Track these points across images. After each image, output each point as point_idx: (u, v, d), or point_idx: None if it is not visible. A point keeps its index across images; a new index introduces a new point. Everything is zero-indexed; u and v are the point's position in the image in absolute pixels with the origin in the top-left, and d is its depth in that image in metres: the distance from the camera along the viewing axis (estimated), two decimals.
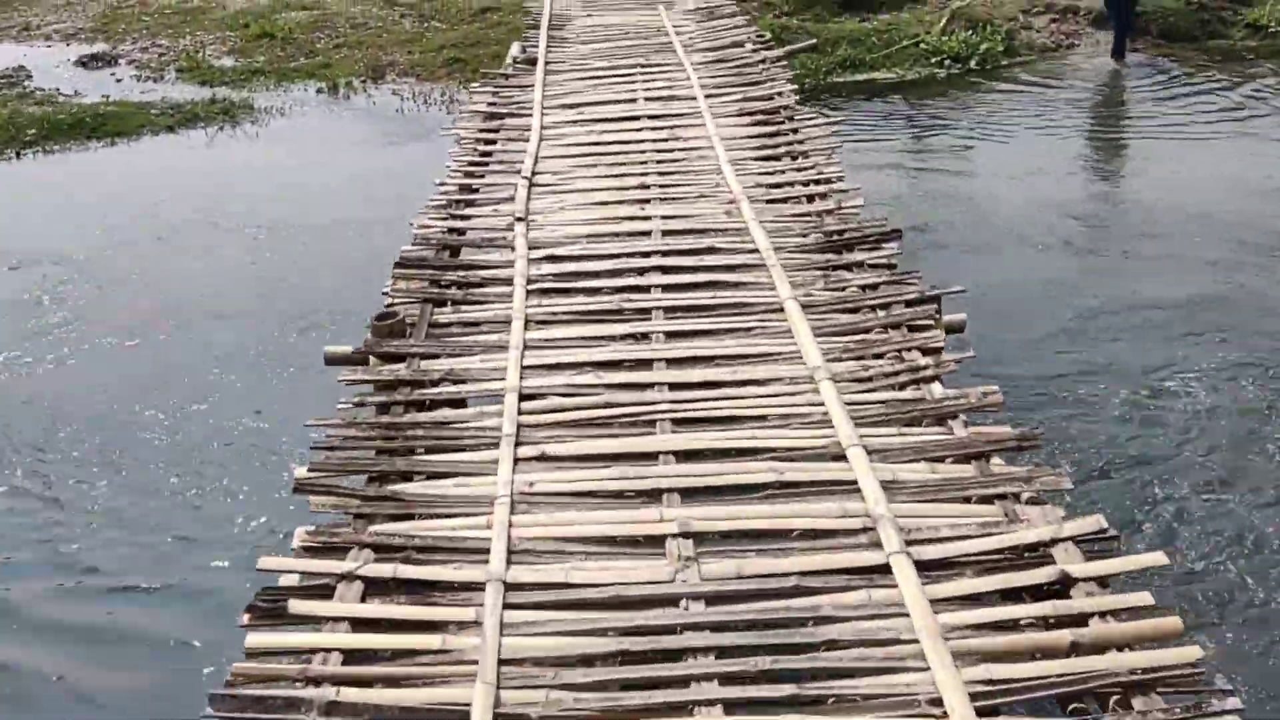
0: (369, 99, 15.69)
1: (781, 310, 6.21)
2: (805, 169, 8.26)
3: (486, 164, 8.70)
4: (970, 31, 15.92)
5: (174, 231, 11.54)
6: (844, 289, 6.49)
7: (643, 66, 10.65)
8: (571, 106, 9.69)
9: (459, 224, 7.69)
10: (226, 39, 18.29)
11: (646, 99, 9.77)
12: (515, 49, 11.58)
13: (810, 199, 7.77)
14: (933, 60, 15.59)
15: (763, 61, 10.64)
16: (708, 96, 9.69)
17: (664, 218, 7.50)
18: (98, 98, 15.72)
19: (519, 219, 7.49)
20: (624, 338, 6.12)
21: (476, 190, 8.21)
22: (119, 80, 16.77)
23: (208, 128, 14.70)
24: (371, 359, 5.85)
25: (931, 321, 6.01)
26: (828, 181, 7.92)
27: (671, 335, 6.08)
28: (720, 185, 8.00)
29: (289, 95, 15.94)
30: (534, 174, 8.27)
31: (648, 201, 7.81)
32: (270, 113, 15.18)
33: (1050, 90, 14.81)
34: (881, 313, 6.13)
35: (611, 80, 10.39)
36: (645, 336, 6.09)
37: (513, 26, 16.09)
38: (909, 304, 6.13)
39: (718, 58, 10.97)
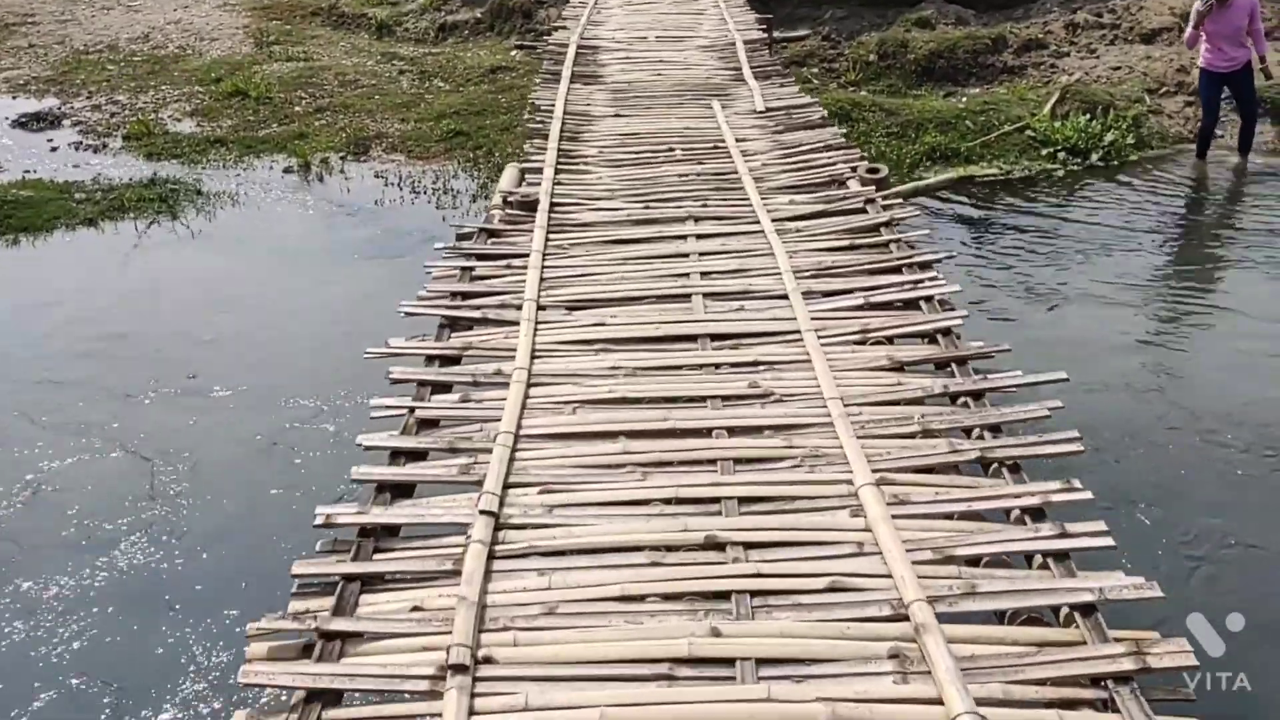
0: (345, 182, 11.93)
1: None
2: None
3: (437, 423, 4.88)
4: (1088, 116, 12.08)
5: (42, 388, 7.85)
6: None
7: (695, 217, 6.67)
8: (581, 305, 5.74)
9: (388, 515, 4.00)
10: (194, 96, 14.58)
11: (706, 293, 5.77)
12: (507, 177, 7.51)
13: None
14: (1043, 152, 11.76)
15: (873, 205, 6.72)
16: (807, 294, 5.68)
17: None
18: (18, 174, 12.06)
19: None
20: None
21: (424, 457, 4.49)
22: (55, 148, 13.05)
23: (138, 221, 10.97)
24: None
25: None
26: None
27: None
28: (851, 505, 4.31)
29: (248, 175, 12.19)
30: (508, 483, 4.33)
31: (721, 547, 3.95)
32: (219, 202, 11.42)
33: (1197, 194, 11.01)
34: None
35: (648, 243, 6.45)
36: None
37: (525, 91, 12.35)
38: None
39: (810, 204, 6.89)
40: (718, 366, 5.03)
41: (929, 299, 5.38)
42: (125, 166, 12.37)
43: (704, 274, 5.85)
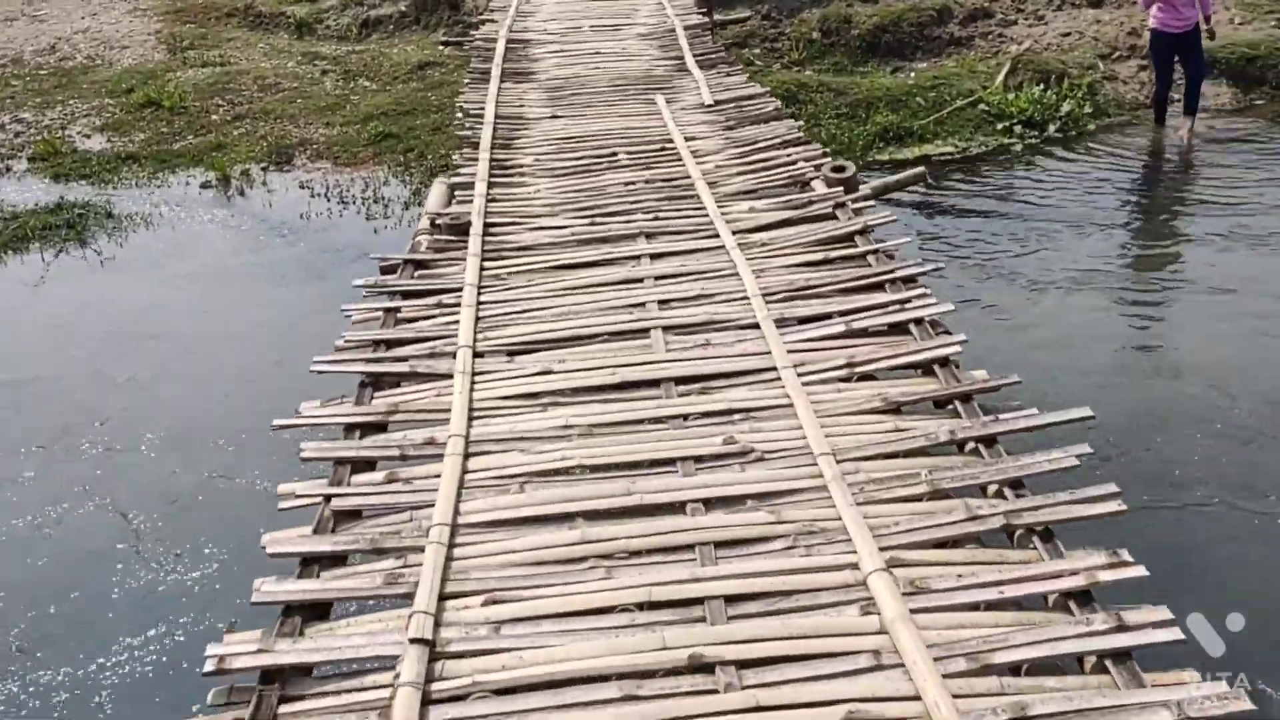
0: (268, 196, 10.96)
1: None
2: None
3: (359, 514, 4.01)
4: (1042, 87, 11.37)
5: None
6: None
7: (647, 233, 5.79)
8: (524, 349, 4.84)
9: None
10: (104, 109, 13.46)
11: (666, 325, 4.91)
12: (434, 196, 6.50)
13: None
14: (999, 126, 11.05)
15: (843, 210, 5.86)
16: (780, 321, 4.86)
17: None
18: None
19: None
20: None
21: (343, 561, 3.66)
22: None
23: (44, 251, 9.96)
24: None
25: None
26: None
27: None
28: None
29: (164, 193, 11.18)
30: (444, 594, 3.49)
31: (709, 669, 3.15)
32: (131, 224, 10.42)
33: (1158, 163, 10.36)
34: None
35: (597, 267, 5.53)
36: None
37: (456, 88, 11.40)
38: None
39: (773, 211, 5.98)
40: (686, 418, 4.23)
41: (919, 321, 4.61)
42: (31, 190, 11.32)
43: (662, 302, 5.01)
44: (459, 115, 8.18)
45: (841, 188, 5.85)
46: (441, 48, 14.08)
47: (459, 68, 12.49)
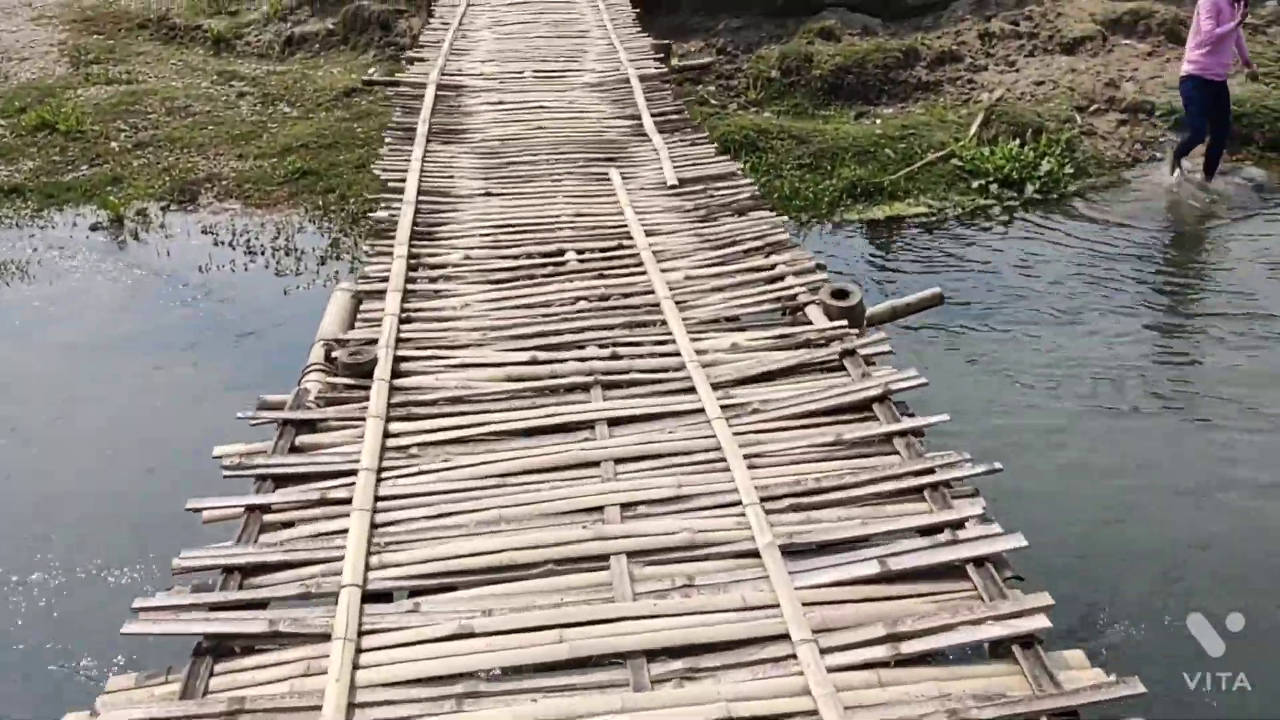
0: (166, 242, 9.32)
1: None
2: None
3: None
4: (1018, 141, 10.07)
5: None
6: None
7: (603, 381, 4.28)
8: (433, 587, 3.29)
9: None
10: None
11: (632, 553, 3.38)
12: (333, 312, 4.68)
13: None
14: (974, 185, 9.73)
15: (852, 360, 4.36)
16: (789, 552, 3.35)
17: None
18: None
19: None
20: None
21: None
22: None
23: None
24: None
25: None
26: None
27: None
28: None
29: (47, 235, 9.50)
30: None
31: None
32: (5, 275, 8.76)
33: (1161, 232, 9.12)
34: None
35: (538, 438, 3.98)
36: None
37: (384, 119, 9.79)
38: None
39: (759, 351, 4.45)
40: None
41: (980, 563, 3.21)
42: None
43: (625, 506, 3.56)
44: (377, 172, 6.58)
45: (845, 320, 4.42)
46: (372, 72, 12.42)
47: (388, 99, 10.86)
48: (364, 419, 3.92)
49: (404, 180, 6.13)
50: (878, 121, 10.89)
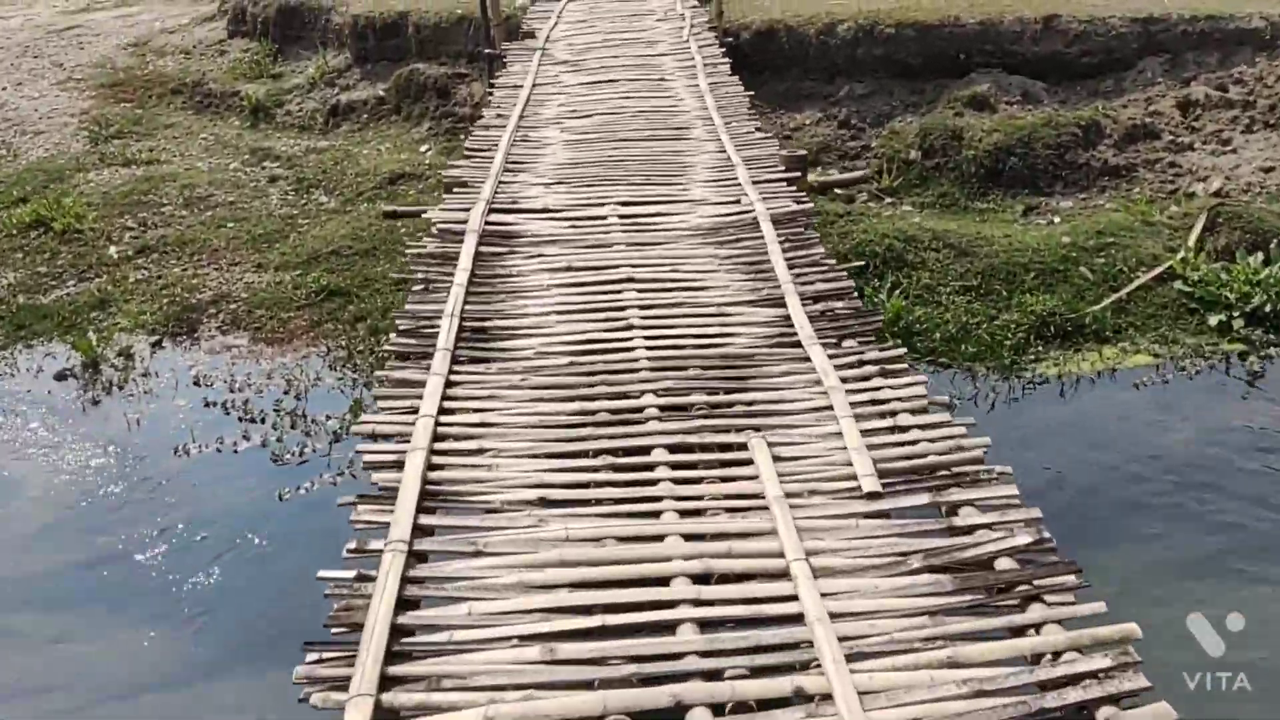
0: (144, 401, 6.86)
1: None
2: None
3: None
4: (1260, 256, 7.12)
5: None
6: None
7: None
8: None
9: None
10: None
11: None
12: None
13: None
14: (1212, 321, 6.81)
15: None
16: None
17: None
18: None
19: None
20: None
21: None
22: None
23: None
24: None
25: None
26: None
27: None
28: None
29: (4, 385, 7.06)
30: None
31: None
32: None
33: None
34: None
35: None
36: None
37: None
38: None
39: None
40: None
41: None
42: None
43: None
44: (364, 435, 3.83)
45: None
46: (425, 149, 9.85)
47: (438, 187, 8.26)
48: None
49: (413, 423, 3.46)
50: (1056, 220, 8.00)
